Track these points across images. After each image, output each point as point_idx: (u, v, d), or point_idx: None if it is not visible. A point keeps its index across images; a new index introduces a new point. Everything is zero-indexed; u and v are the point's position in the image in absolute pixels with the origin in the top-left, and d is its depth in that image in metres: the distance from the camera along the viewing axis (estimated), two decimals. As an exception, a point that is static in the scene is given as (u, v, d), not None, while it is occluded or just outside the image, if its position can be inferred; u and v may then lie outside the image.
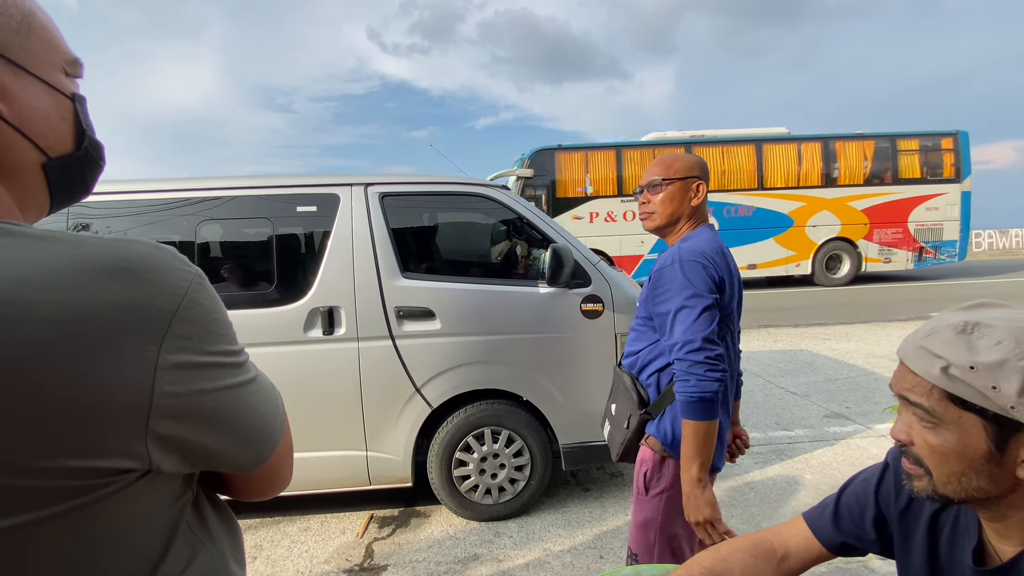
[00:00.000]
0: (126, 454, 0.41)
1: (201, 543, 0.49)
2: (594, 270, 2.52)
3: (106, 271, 0.40)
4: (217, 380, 0.45)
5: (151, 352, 0.41)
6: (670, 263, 1.23)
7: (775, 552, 0.78)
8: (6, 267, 0.37)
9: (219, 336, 0.46)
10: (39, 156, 0.47)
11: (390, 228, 2.50)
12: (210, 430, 0.45)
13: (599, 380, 2.52)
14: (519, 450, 2.56)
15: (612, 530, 2.48)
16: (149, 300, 0.41)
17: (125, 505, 0.42)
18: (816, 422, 3.72)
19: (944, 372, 0.56)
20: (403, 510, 2.75)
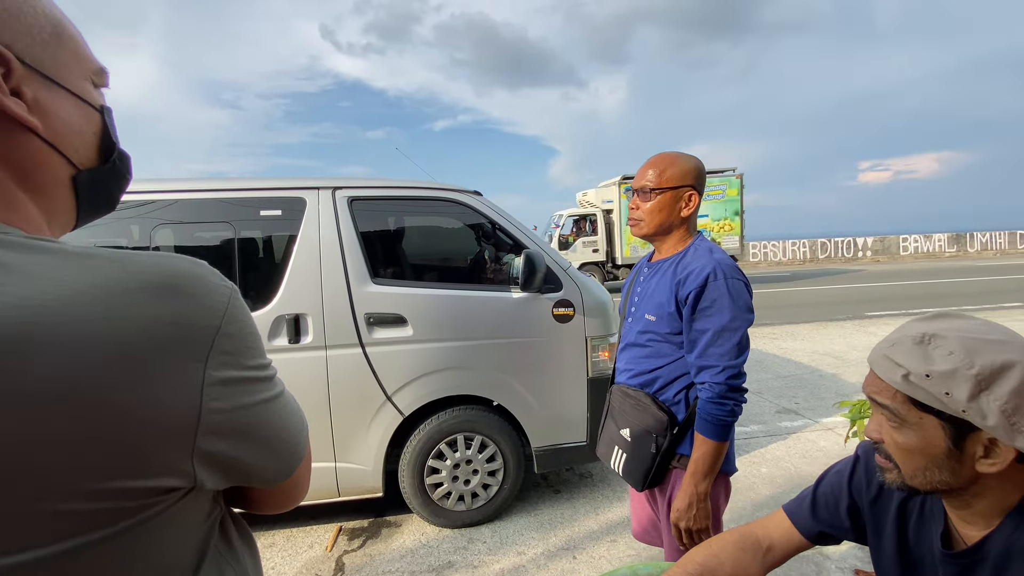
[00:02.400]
0: (175, 472, 0.40)
1: (227, 562, 0.48)
2: (565, 275, 2.57)
3: (151, 289, 0.39)
4: (256, 394, 0.45)
5: (198, 369, 0.40)
6: (713, 279, 1.18)
7: (760, 544, 0.84)
8: (50, 286, 0.35)
9: (255, 350, 0.46)
10: (70, 170, 0.45)
11: (359, 233, 2.45)
12: (248, 444, 0.45)
13: (571, 383, 2.56)
14: (492, 455, 2.56)
15: (584, 530, 2.53)
16: (194, 317, 0.41)
17: (167, 524, 0.41)
18: (769, 418, 3.93)
19: (905, 379, 0.63)
20: (373, 520, 2.70)
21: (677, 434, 1.26)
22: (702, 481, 1.18)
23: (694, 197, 1.30)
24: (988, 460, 0.61)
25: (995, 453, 0.60)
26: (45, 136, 0.43)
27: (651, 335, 1.31)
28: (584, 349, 2.56)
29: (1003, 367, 0.59)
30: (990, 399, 0.58)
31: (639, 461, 1.29)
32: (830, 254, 19.64)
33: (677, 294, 1.23)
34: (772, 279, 14.33)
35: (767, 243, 19.52)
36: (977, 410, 0.59)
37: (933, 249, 19.97)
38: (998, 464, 0.60)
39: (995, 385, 0.58)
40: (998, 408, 0.58)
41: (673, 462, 1.28)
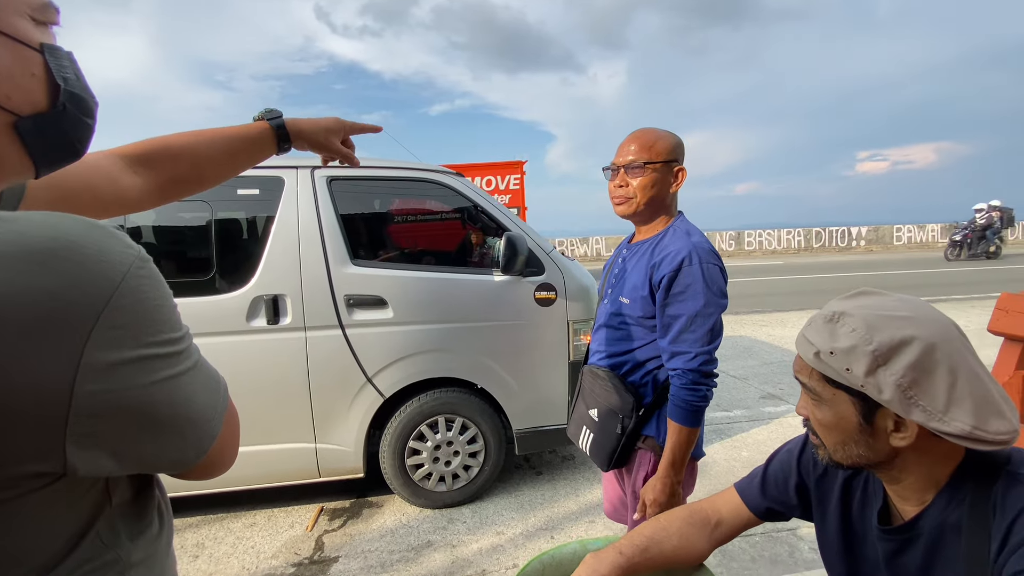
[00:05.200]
0: (38, 458, 0.37)
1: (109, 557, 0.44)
2: (547, 259, 2.56)
3: (32, 254, 0.35)
4: (153, 373, 0.41)
5: (74, 348, 0.36)
6: (688, 263, 1.16)
7: (709, 520, 0.84)
8: None
9: (159, 324, 0.41)
10: (6, 117, 0.42)
11: (339, 214, 2.42)
12: (143, 427, 0.41)
13: (552, 366, 2.57)
14: (473, 437, 2.58)
15: (564, 511, 2.56)
16: (78, 288, 0.36)
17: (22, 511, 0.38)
18: (753, 403, 3.96)
19: (816, 356, 0.65)
20: (355, 501, 2.71)
21: (643, 416, 1.26)
22: (680, 467, 1.19)
23: (682, 173, 1.27)
24: (899, 434, 0.62)
25: (904, 427, 0.61)
26: None
27: (623, 318, 1.30)
28: (566, 333, 2.56)
29: (901, 342, 0.59)
30: (887, 374, 0.59)
31: (605, 441, 1.30)
32: (824, 243, 19.70)
33: (651, 277, 1.21)
34: (766, 268, 14.38)
35: (762, 232, 19.55)
36: (874, 385, 0.60)
37: (927, 239, 20.05)
38: (907, 438, 0.61)
39: (893, 360, 0.59)
40: (894, 383, 0.59)
41: (639, 443, 1.28)
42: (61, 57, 0.45)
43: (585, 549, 0.83)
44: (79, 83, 0.47)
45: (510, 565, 2.16)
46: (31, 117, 0.44)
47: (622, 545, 0.77)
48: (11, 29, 0.42)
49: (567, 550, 0.84)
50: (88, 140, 0.49)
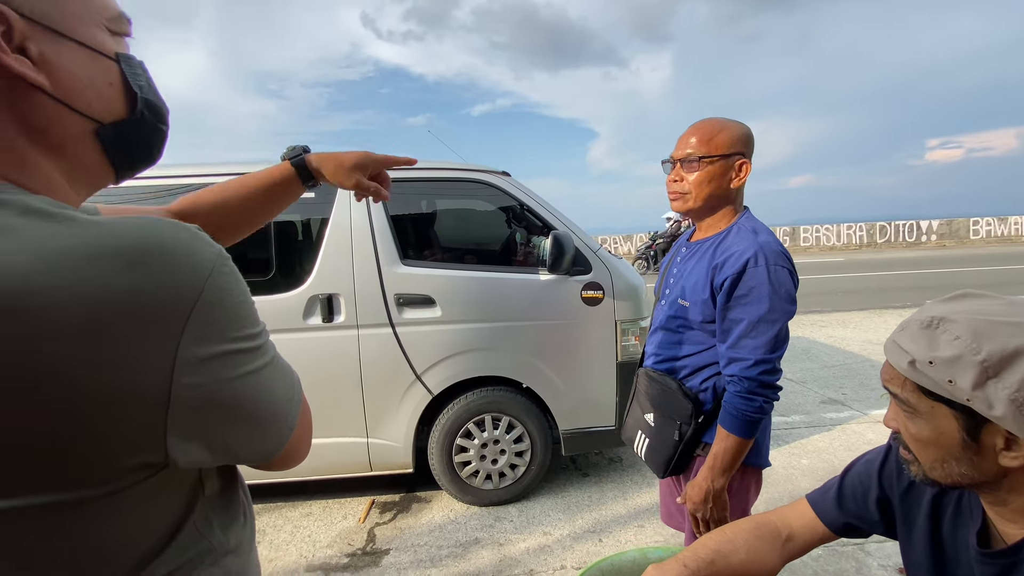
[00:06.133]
0: (142, 451, 0.39)
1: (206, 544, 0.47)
2: (595, 257, 2.52)
3: (125, 256, 0.37)
4: (239, 367, 0.43)
5: (171, 342, 0.38)
6: (753, 264, 1.08)
7: (779, 533, 0.79)
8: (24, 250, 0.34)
9: (241, 320, 0.43)
10: (89, 125, 0.44)
11: (389, 215, 2.48)
12: (230, 419, 0.43)
13: (599, 367, 2.53)
14: (519, 436, 2.58)
15: (611, 514, 2.51)
16: (170, 287, 0.38)
17: (132, 500, 0.40)
18: (813, 408, 3.75)
19: (911, 366, 0.58)
20: (404, 495, 2.78)
21: (702, 423, 1.20)
22: (719, 476, 1.12)
23: (745, 166, 1.18)
24: (1010, 453, 0.55)
25: (1017, 445, 0.54)
26: (53, 93, 0.41)
27: (681, 321, 1.24)
28: (614, 333, 2.51)
29: (1015, 353, 0.53)
30: (998, 387, 0.53)
31: (661, 447, 1.25)
32: (890, 238, 18.39)
33: (713, 279, 1.14)
34: (824, 266, 13.61)
35: (819, 227, 18.50)
36: (983, 399, 0.53)
37: (1009, 232, 18.30)
38: (1020, 457, 0.54)
39: (1005, 372, 0.53)
40: (1007, 397, 0.52)
41: (697, 450, 1.23)
42: (135, 66, 0.48)
43: (645, 558, 0.80)
44: (152, 91, 0.49)
45: (557, 566, 2.15)
46: (111, 124, 0.46)
47: (686, 558, 0.74)
48: (91, 40, 0.44)
49: (626, 558, 0.82)
50: (163, 146, 0.52)
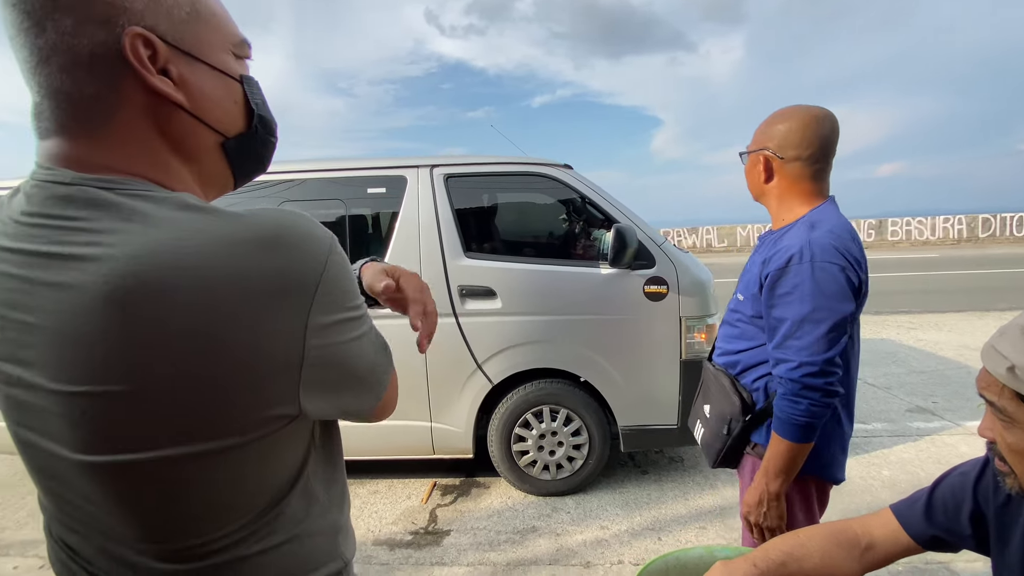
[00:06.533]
0: (285, 406, 0.47)
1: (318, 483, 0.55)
2: (659, 251, 2.46)
3: (263, 241, 0.43)
4: (349, 332, 0.50)
5: (302, 312, 0.45)
6: (797, 261, 1.04)
7: (858, 541, 0.76)
8: (187, 236, 0.42)
9: (350, 293, 0.50)
10: (217, 138, 0.51)
11: (454, 208, 2.56)
12: (343, 376, 0.50)
13: (662, 364, 2.48)
14: (577, 429, 2.59)
15: (672, 514, 2.47)
16: (299, 267, 0.45)
17: (274, 446, 0.48)
18: (897, 416, 3.47)
19: (1010, 372, 0.55)
20: (464, 480, 2.88)
21: (751, 421, 1.17)
22: (774, 480, 1.09)
23: (771, 163, 1.16)
24: None
25: None
26: (190, 110, 0.48)
27: (739, 315, 1.23)
28: (678, 329, 2.45)
29: None
30: None
31: (713, 440, 1.26)
32: (995, 232, 16.41)
33: (761, 274, 1.13)
34: (915, 262, 12.41)
35: (910, 219, 16.84)
36: None
37: None
38: None
39: None
40: None
41: (747, 448, 1.21)
42: (254, 86, 0.54)
43: (712, 556, 0.80)
44: (265, 107, 0.56)
45: (615, 560, 2.15)
46: (235, 138, 0.53)
47: (756, 558, 0.73)
48: (220, 64, 0.51)
49: (693, 554, 0.81)
50: (272, 155, 0.59)
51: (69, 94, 0.43)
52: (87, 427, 0.43)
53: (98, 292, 0.40)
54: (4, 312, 0.44)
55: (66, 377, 0.42)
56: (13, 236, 0.44)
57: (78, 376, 0.42)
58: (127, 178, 0.45)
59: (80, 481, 0.45)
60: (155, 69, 0.45)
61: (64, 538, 0.52)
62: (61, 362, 0.42)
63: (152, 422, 0.43)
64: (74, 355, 0.41)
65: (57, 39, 0.42)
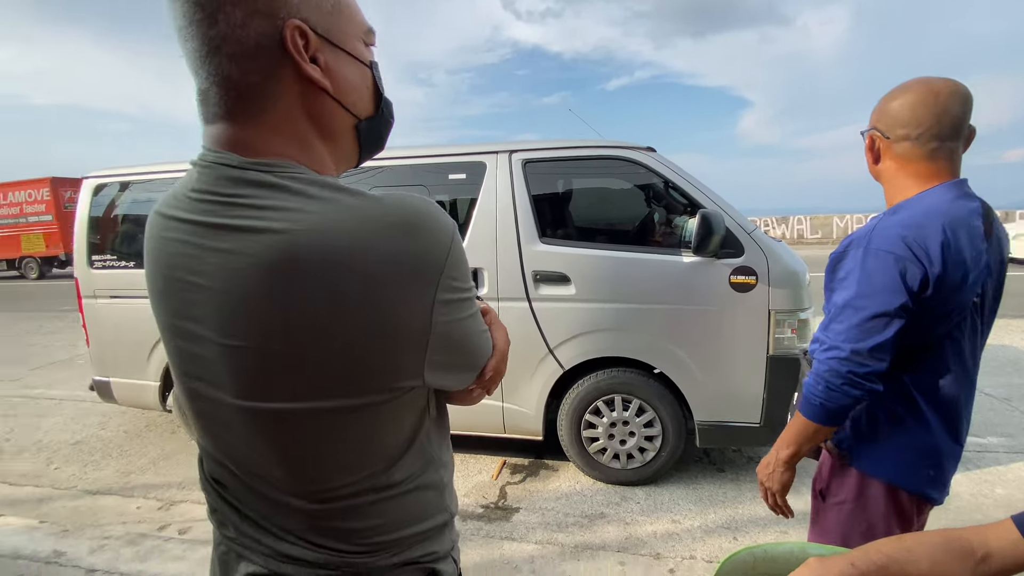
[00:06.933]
0: (411, 374, 0.52)
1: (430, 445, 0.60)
2: (749, 239, 2.32)
3: (400, 225, 0.48)
4: (465, 311, 0.54)
5: (431, 291, 0.50)
6: (856, 245, 1.02)
7: (972, 551, 0.68)
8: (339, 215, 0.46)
9: (466, 275, 0.54)
10: (352, 120, 0.56)
11: (531, 194, 2.56)
12: (457, 350, 0.55)
13: (746, 359, 2.35)
14: (650, 420, 2.53)
15: (749, 514, 2.37)
16: (430, 250, 0.49)
17: (398, 409, 0.54)
18: (1017, 431, 3.07)
19: None
20: (533, 461, 2.93)
21: None
22: (784, 448, 1.12)
23: (877, 143, 1.08)
24: None
25: None
26: (334, 95, 0.52)
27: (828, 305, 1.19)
28: (766, 323, 2.31)
29: None
30: None
31: None
32: None
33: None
34: (1049, 256, 10.74)
35: (1047, 208, 14.55)
36: None
37: None
38: None
39: None
40: None
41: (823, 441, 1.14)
42: (378, 71, 0.58)
43: (805, 552, 0.76)
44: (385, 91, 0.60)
45: (686, 555, 2.10)
46: (365, 120, 0.57)
47: (855, 558, 0.68)
48: (356, 51, 0.55)
49: (783, 548, 0.78)
50: (389, 136, 0.63)
51: (236, 81, 0.48)
52: (245, 376, 0.49)
53: (262, 260, 0.46)
54: (179, 275, 0.51)
55: (229, 332, 0.48)
56: (186, 209, 0.51)
57: (239, 331, 0.48)
58: (283, 160, 0.50)
59: (238, 424, 0.52)
60: (307, 57, 0.50)
61: (217, 477, 0.60)
62: (225, 319, 0.48)
63: (299, 376, 0.49)
64: (236, 313, 0.48)
65: (227, 30, 0.46)
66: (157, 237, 0.53)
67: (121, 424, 3.69)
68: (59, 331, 6.94)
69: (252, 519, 0.57)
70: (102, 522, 2.45)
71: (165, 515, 2.51)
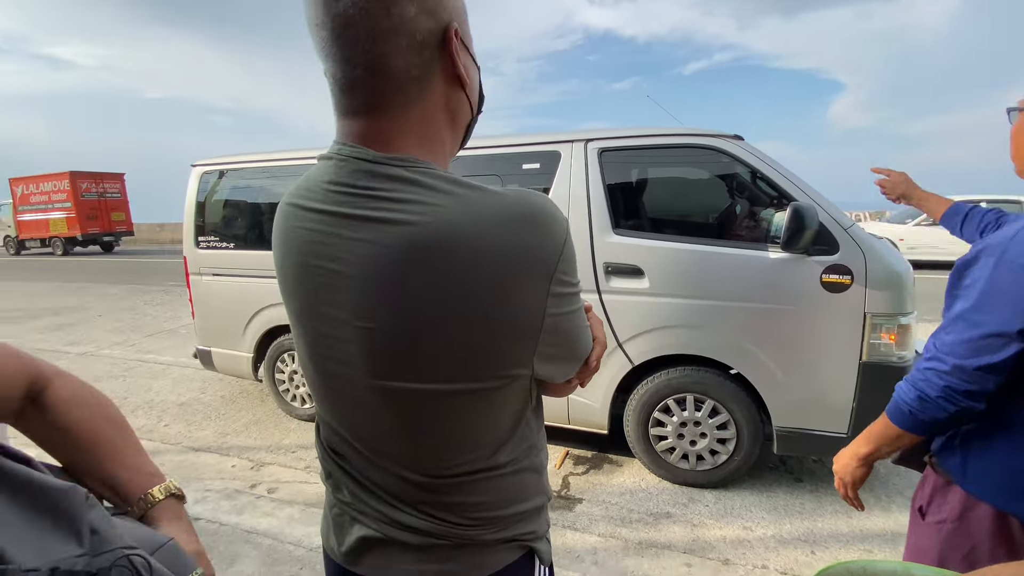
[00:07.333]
0: (523, 362, 0.55)
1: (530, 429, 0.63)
2: (845, 235, 2.14)
3: (520, 219, 0.50)
4: (572, 305, 0.56)
5: (545, 284, 0.52)
6: (988, 252, 0.89)
7: None
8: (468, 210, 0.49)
9: (575, 271, 0.56)
10: (469, 116, 0.60)
11: (605, 184, 2.50)
12: (563, 342, 0.57)
13: (836, 364, 2.19)
14: (724, 422, 2.43)
15: (830, 529, 2.22)
16: (545, 244, 0.51)
17: (508, 395, 0.57)
18: None
19: None
20: (596, 454, 2.91)
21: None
22: (863, 445, 1.08)
23: None
24: None
25: None
26: (467, 92, 0.56)
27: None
28: (860, 327, 2.13)
29: None
30: None
31: None
32: None
33: None
34: None
35: None
36: None
37: None
38: None
39: None
40: None
41: (927, 455, 1.06)
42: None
43: (908, 572, 0.70)
44: None
45: (758, 564, 2.01)
46: (474, 117, 0.61)
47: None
48: (473, 52, 0.58)
49: (884, 567, 0.72)
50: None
51: (396, 72, 0.51)
52: (377, 357, 0.53)
53: (396, 250, 0.49)
54: (317, 262, 0.54)
55: (364, 315, 0.52)
56: (323, 200, 0.54)
57: (373, 315, 0.51)
58: (414, 157, 0.53)
59: (369, 402, 0.56)
60: (459, 57, 0.53)
61: (336, 447, 0.64)
62: (360, 303, 0.52)
63: (425, 359, 0.52)
64: (371, 298, 0.51)
65: (399, 23, 0.49)
66: (292, 227, 0.57)
67: (219, 390, 4.08)
68: (165, 303, 7.76)
69: (367, 487, 0.61)
70: (203, 476, 2.73)
71: (256, 475, 2.76)
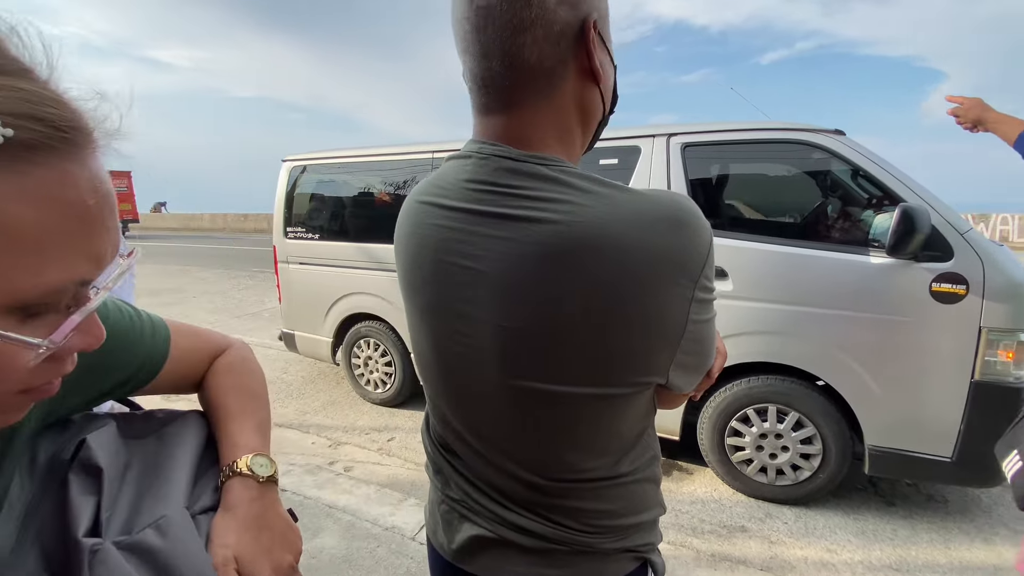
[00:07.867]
0: (659, 370, 0.52)
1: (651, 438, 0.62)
2: (960, 241, 1.94)
3: (667, 220, 0.48)
4: (711, 312, 0.54)
5: (691, 289, 0.49)
6: None
7: None
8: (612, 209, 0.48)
9: (714, 277, 0.53)
10: (602, 113, 0.58)
11: (688, 180, 2.42)
12: (697, 351, 0.54)
13: (942, 382, 2.00)
14: (808, 437, 2.29)
15: (925, 559, 2.03)
16: (693, 248, 0.49)
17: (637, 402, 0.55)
18: None
19: None
20: (665, 460, 2.83)
21: None
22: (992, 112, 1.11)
23: None
24: None
25: None
26: (601, 89, 0.54)
27: None
28: (974, 342, 1.93)
29: None
30: None
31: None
32: None
33: None
34: None
35: None
36: None
37: None
38: None
39: None
40: None
41: None
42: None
43: None
44: None
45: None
46: (605, 116, 0.59)
47: None
48: (612, 51, 0.55)
49: None
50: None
51: (532, 64, 0.50)
52: (513, 355, 0.52)
53: (538, 249, 0.48)
54: (453, 259, 0.54)
55: (502, 314, 0.51)
56: (460, 199, 0.54)
57: (512, 314, 0.51)
58: (552, 155, 0.52)
59: (497, 400, 0.55)
60: (595, 51, 0.52)
61: (448, 444, 0.64)
62: (499, 301, 0.51)
63: (563, 360, 0.50)
64: (511, 297, 0.50)
65: (540, 12, 0.48)
66: (425, 224, 0.56)
67: (299, 371, 4.37)
68: (251, 288, 8.39)
69: (479, 486, 0.61)
70: (287, 451, 2.93)
71: (333, 452, 2.93)
